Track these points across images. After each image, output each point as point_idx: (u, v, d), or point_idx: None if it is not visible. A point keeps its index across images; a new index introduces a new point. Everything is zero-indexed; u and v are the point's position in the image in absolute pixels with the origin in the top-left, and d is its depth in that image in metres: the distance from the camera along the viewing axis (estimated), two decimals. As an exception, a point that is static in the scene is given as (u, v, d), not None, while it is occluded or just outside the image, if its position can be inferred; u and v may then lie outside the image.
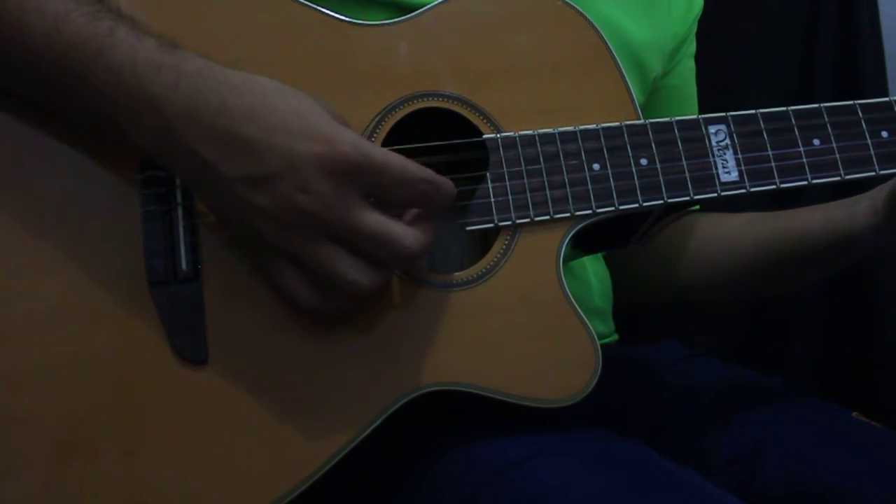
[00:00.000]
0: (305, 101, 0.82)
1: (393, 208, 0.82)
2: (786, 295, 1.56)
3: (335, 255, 0.81)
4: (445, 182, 0.83)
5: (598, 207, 0.92)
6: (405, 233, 0.81)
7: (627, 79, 0.96)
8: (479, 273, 0.90)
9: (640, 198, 0.92)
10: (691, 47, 1.24)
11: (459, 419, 0.92)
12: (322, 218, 0.79)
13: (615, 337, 1.21)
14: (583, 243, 0.96)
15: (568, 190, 0.92)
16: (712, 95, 1.26)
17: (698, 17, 1.23)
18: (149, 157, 0.86)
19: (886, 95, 1.70)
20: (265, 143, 0.79)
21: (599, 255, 1.19)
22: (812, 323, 1.67)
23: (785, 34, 1.70)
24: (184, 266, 0.87)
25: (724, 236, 1.16)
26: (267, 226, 0.81)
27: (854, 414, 1.03)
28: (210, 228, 0.88)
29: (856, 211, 1.02)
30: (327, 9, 0.94)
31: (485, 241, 0.97)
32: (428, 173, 0.82)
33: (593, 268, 1.17)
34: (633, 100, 0.96)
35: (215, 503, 0.85)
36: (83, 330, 0.86)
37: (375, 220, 0.80)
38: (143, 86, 0.81)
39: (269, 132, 0.80)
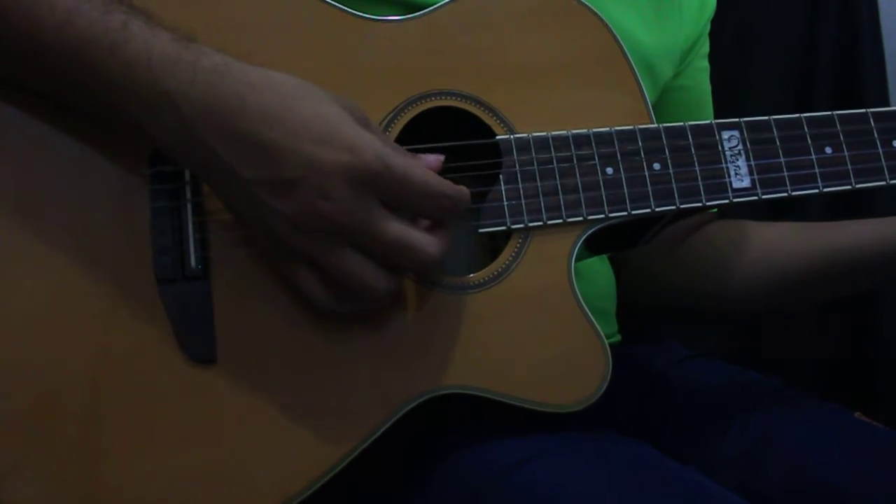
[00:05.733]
0: (326, 102, 0.81)
1: (409, 215, 0.82)
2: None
3: (353, 261, 0.81)
4: (464, 196, 0.83)
5: (610, 212, 0.91)
6: (425, 240, 0.81)
7: (642, 82, 0.96)
8: (491, 276, 0.90)
9: (652, 203, 0.92)
10: (704, 47, 1.23)
11: (463, 419, 0.92)
12: (342, 224, 0.79)
13: (618, 338, 1.20)
14: (592, 245, 0.95)
15: (581, 194, 0.91)
16: (712, 95, 1.25)
17: (711, 17, 1.22)
18: (165, 152, 0.84)
19: (886, 95, 1.71)
20: (287, 148, 0.78)
21: (604, 255, 1.18)
22: (812, 323, 1.67)
23: (785, 34, 1.70)
24: (192, 263, 0.86)
25: (763, 247, 1.14)
26: (286, 229, 0.80)
27: (856, 414, 1.03)
28: (220, 226, 0.87)
29: None
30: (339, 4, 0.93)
31: (492, 241, 0.97)
32: (448, 187, 0.82)
33: (599, 268, 1.16)
34: (646, 103, 0.95)
35: None
36: (90, 327, 0.84)
37: (396, 228, 0.80)
38: (158, 81, 0.80)
39: (291, 136, 0.78)
